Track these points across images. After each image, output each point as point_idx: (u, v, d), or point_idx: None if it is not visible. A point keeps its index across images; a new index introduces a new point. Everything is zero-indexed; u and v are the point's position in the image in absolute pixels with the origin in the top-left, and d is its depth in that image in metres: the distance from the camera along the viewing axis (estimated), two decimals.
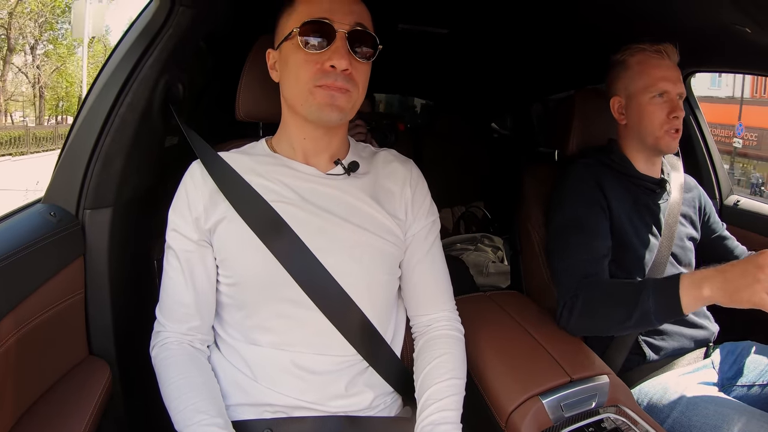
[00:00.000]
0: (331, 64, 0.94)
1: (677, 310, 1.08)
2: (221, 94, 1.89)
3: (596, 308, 1.19)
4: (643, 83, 1.38)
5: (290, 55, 0.98)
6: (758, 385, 1.29)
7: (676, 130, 1.36)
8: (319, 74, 0.95)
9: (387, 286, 1.09)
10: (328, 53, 0.95)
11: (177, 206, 1.03)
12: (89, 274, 1.11)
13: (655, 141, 1.38)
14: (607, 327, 1.20)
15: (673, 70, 1.37)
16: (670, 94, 1.36)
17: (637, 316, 1.12)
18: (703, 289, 1.05)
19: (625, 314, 1.13)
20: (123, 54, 1.09)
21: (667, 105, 1.36)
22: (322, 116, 0.97)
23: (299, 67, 0.97)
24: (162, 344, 1.02)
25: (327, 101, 0.95)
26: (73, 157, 1.10)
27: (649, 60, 1.39)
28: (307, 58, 0.96)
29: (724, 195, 1.88)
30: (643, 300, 1.11)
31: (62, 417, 0.94)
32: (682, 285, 1.07)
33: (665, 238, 1.39)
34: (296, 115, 1.02)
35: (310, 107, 0.97)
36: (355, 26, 0.97)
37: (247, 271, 1.00)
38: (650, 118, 1.38)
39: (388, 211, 1.07)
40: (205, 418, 0.91)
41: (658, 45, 1.38)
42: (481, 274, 2.49)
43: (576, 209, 1.35)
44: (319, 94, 0.95)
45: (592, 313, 1.19)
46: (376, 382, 1.06)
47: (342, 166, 1.06)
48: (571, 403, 1.04)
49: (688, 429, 1.17)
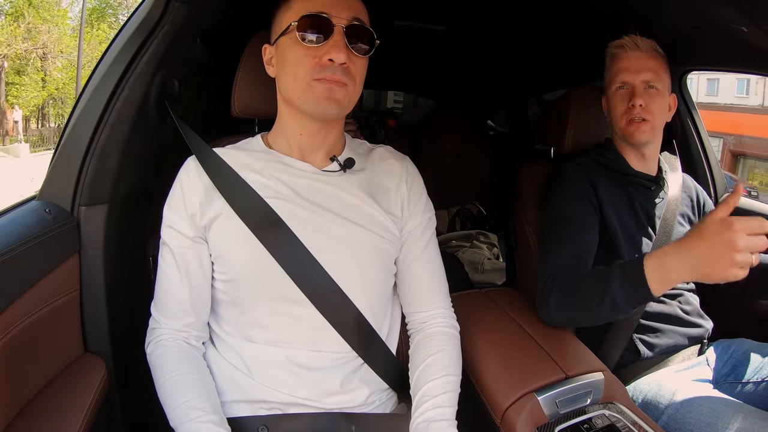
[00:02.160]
0: (329, 58, 0.95)
1: (647, 296, 1.06)
2: (217, 90, 1.89)
3: (570, 298, 1.18)
4: (608, 78, 1.43)
5: (288, 49, 0.98)
6: (752, 382, 1.29)
7: (642, 119, 1.36)
8: (317, 68, 0.95)
9: (382, 283, 1.09)
10: (326, 47, 0.95)
11: (172, 202, 1.02)
12: (85, 271, 1.11)
13: (622, 132, 1.41)
14: (582, 316, 1.19)
15: (635, 60, 1.38)
16: (631, 84, 1.38)
17: (609, 306, 1.10)
18: (670, 272, 1.02)
19: (597, 303, 1.11)
20: (119, 50, 1.08)
21: (628, 95, 1.38)
22: (320, 110, 0.97)
23: (297, 61, 0.97)
24: (157, 341, 1.02)
25: (325, 94, 0.96)
26: (69, 153, 1.09)
27: (613, 55, 1.42)
28: (305, 52, 0.96)
29: (719, 193, 1.89)
30: (612, 288, 1.09)
31: (58, 414, 0.94)
32: (648, 269, 1.05)
33: (661, 236, 1.40)
34: (293, 109, 1.02)
35: (308, 101, 0.97)
36: (353, 21, 0.97)
37: (243, 268, 1.00)
38: (614, 110, 1.41)
39: (384, 207, 1.07)
40: (201, 414, 0.91)
41: (621, 39, 1.40)
42: (477, 271, 2.50)
43: (565, 206, 1.36)
44: (318, 88, 0.96)
45: (566, 302, 1.19)
46: (371, 379, 1.06)
47: (338, 162, 1.06)
48: (566, 399, 1.04)
49: (683, 426, 1.17)
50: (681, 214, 1.46)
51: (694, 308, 1.42)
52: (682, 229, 1.45)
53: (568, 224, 1.32)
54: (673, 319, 1.38)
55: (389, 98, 4.24)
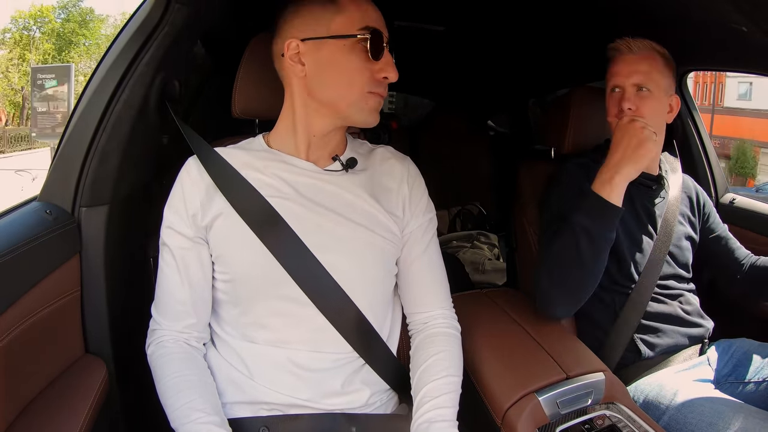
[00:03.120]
0: (384, 76, 0.99)
1: (608, 207, 1.21)
2: (217, 91, 1.89)
3: (553, 267, 1.25)
4: (606, 81, 1.44)
5: (341, 56, 0.97)
6: (754, 383, 1.29)
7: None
8: (374, 83, 0.99)
9: (383, 284, 1.09)
10: (381, 64, 0.99)
11: (173, 203, 1.02)
12: (85, 271, 1.11)
13: None
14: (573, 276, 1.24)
15: (626, 63, 1.38)
16: (623, 86, 1.38)
17: (584, 241, 1.21)
18: (612, 177, 1.23)
19: (573, 249, 1.22)
20: (119, 51, 1.08)
21: (619, 98, 1.38)
22: (369, 120, 1.02)
23: (354, 72, 0.98)
24: (158, 342, 1.02)
25: (376, 107, 1.01)
26: (69, 154, 1.09)
27: (609, 58, 1.43)
28: (365, 65, 0.98)
29: (719, 193, 1.88)
30: (576, 224, 1.22)
31: (59, 415, 0.94)
32: (596, 187, 1.23)
33: (662, 236, 1.40)
34: (329, 111, 1.02)
35: (361, 110, 1.00)
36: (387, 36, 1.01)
37: (244, 268, 1.00)
38: (608, 112, 1.42)
39: (386, 208, 1.06)
40: (202, 416, 0.91)
41: (613, 44, 1.41)
42: (478, 271, 2.50)
43: (563, 205, 1.35)
44: (372, 101, 1.00)
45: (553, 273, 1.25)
46: (372, 380, 1.06)
47: (340, 162, 1.06)
48: (567, 400, 1.04)
49: (684, 426, 1.17)
50: (681, 214, 1.46)
51: (694, 308, 1.42)
52: (682, 228, 1.45)
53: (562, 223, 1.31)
54: (674, 319, 1.37)
55: (384, 102, 4.24)
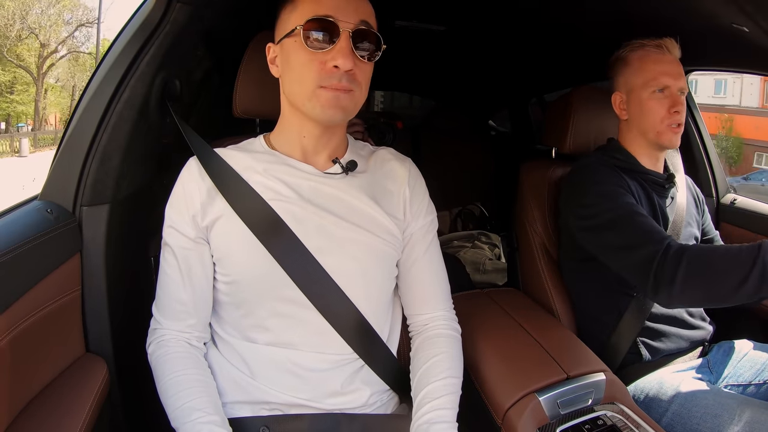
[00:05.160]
0: (334, 65, 0.92)
1: None
2: (218, 90, 1.89)
3: (701, 272, 1.09)
4: (643, 78, 1.38)
5: (292, 52, 0.96)
6: (755, 384, 1.29)
7: (678, 124, 1.35)
8: (323, 74, 0.93)
9: (384, 285, 1.08)
10: (332, 53, 0.93)
11: (174, 203, 1.02)
12: (86, 271, 1.11)
13: (657, 136, 1.37)
14: (717, 291, 1.09)
15: (674, 65, 1.37)
16: (671, 89, 1.35)
17: (756, 275, 1.02)
18: None
19: (742, 273, 1.03)
20: (120, 50, 1.08)
21: (668, 100, 1.35)
22: (326, 117, 0.96)
23: (302, 66, 0.95)
24: (158, 341, 1.02)
25: (331, 103, 0.94)
26: (70, 153, 1.10)
27: (649, 55, 1.38)
28: (310, 57, 0.94)
29: (720, 194, 1.89)
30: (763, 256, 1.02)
31: (59, 414, 0.94)
32: None
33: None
34: (298, 112, 1.01)
35: (314, 108, 0.95)
36: (360, 25, 0.95)
37: (245, 270, 0.99)
38: (651, 113, 1.37)
39: (387, 210, 1.06)
40: (202, 415, 0.91)
41: (659, 40, 1.37)
42: (478, 271, 2.50)
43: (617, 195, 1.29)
44: (324, 96, 0.94)
45: (697, 277, 1.10)
46: (372, 380, 1.06)
47: (340, 165, 1.06)
48: (567, 400, 1.04)
49: (689, 420, 1.17)
50: (689, 215, 1.46)
51: (696, 312, 1.42)
52: (689, 230, 1.45)
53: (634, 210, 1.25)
54: (678, 321, 1.37)
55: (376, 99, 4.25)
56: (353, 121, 1.56)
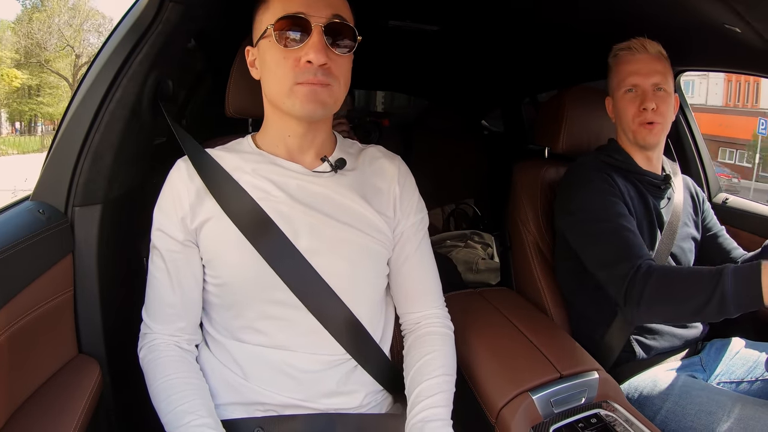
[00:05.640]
0: (307, 60, 0.92)
1: (758, 300, 1.03)
2: (211, 90, 1.88)
3: (667, 293, 1.13)
4: (616, 80, 1.42)
5: (267, 52, 0.96)
6: (747, 382, 1.30)
7: (650, 122, 1.36)
8: (298, 71, 0.93)
9: (375, 284, 1.08)
10: (304, 48, 0.92)
11: (162, 205, 1.01)
12: (78, 271, 1.10)
13: (632, 135, 1.40)
14: (679, 312, 1.15)
15: (643, 63, 1.38)
16: (641, 87, 1.37)
17: (717, 304, 1.06)
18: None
19: (703, 300, 1.07)
20: (112, 50, 1.08)
21: (638, 98, 1.37)
22: (305, 113, 0.95)
23: (277, 65, 0.95)
24: (149, 346, 1.02)
25: (309, 98, 0.93)
26: (62, 153, 1.09)
27: (620, 58, 1.42)
28: (284, 54, 0.94)
29: (712, 193, 1.90)
30: (722, 285, 1.05)
31: (52, 415, 0.93)
32: (765, 273, 1.02)
33: (666, 237, 1.39)
34: (279, 112, 1.00)
35: (294, 105, 0.95)
36: (333, 19, 0.94)
37: (235, 272, 0.99)
38: (624, 112, 1.41)
39: (376, 208, 1.06)
40: (195, 418, 0.90)
41: (627, 42, 1.40)
42: (471, 270, 2.50)
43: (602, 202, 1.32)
44: (300, 92, 0.93)
45: (663, 297, 1.14)
46: (366, 380, 1.06)
47: (329, 163, 1.05)
48: (560, 398, 1.05)
49: (683, 418, 1.18)
50: (686, 214, 1.46)
51: None
52: (687, 230, 1.45)
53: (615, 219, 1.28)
54: None
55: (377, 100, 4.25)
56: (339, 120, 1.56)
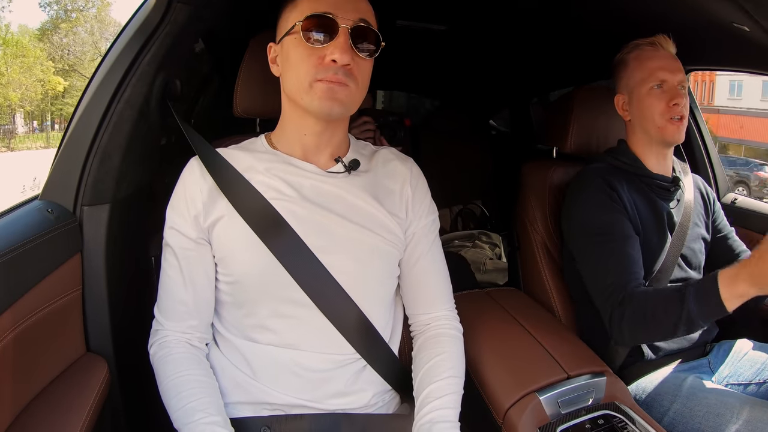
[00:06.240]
0: (332, 59, 0.93)
1: (721, 308, 1.06)
2: (219, 90, 1.89)
3: (642, 321, 1.17)
4: (640, 76, 1.39)
5: (292, 49, 0.98)
6: (755, 383, 1.29)
7: (680, 117, 1.35)
8: (320, 68, 0.94)
9: (386, 285, 1.08)
10: (330, 47, 0.94)
11: (175, 204, 1.02)
12: (87, 270, 1.11)
13: (659, 131, 1.37)
14: (656, 335, 1.22)
15: (669, 59, 1.37)
16: (669, 83, 1.36)
17: (685, 322, 1.11)
18: (737, 286, 1.05)
19: (673, 322, 1.12)
20: (120, 50, 1.08)
21: (666, 94, 1.35)
22: (323, 109, 0.96)
23: (300, 61, 0.96)
24: (160, 342, 1.02)
25: (327, 95, 0.94)
26: (71, 153, 1.10)
27: (644, 53, 1.39)
28: (309, 52, 0.95)
29: (721, 193, 1.89)
30: (687, 307, 1.09)
31: (60, 414, 0.94)
32: (721, 284, 1.06)
33: (676, 239, 1.38)
34: (298, 109, 1.01)
35: (312, 101, 0.96)
36: (359, 22, 0.96)
37: (246, 270, 0.99)
38: (651, 109, 1.37)
39: (388, 209, 1.06)
40: (204, 416, 0.91)
41: (652, 38, 1.38)
42: (479, 270, 2.50)
43: (599, 216, 1.32)
44: (319, 88, 0.95)
45: (639, 325, 1.18)
46: (374, 380, 1.06)
47: (342, 164, 1.06)
48: (568, 399, 1.04)
49: (690, 420, 1.17)
50: (696, 215, 1.45)
51: None
52: (697, 230, 1.44)
53: (611, 237, 1.29)
54: None
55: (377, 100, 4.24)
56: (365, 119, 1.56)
